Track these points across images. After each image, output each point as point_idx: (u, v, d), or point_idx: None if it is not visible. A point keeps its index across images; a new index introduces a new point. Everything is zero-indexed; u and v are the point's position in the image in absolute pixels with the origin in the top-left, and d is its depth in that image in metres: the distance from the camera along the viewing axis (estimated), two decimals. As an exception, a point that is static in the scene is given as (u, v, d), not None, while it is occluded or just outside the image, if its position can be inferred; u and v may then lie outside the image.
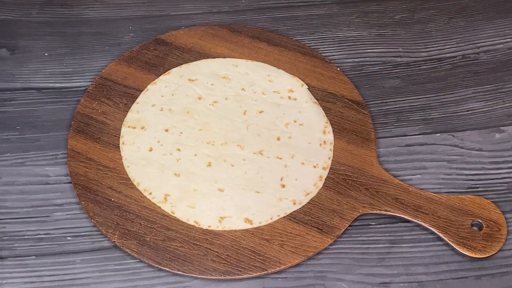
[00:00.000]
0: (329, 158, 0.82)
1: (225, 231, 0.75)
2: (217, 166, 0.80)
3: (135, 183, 0.79)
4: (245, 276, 0.72)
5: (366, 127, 0.85)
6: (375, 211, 0.77)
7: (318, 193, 0.79)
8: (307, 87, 0.89)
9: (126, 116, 0.85)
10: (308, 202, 0.78)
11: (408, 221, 0.76)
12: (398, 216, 0.76)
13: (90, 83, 0.89)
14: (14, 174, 0.80)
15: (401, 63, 0.93)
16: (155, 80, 0.89)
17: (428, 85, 0.91)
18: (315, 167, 0.81)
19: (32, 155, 0.82)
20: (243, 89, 0.88)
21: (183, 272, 0.72)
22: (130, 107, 0.86)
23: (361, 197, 0.78)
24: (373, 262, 0.74)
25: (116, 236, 0.74)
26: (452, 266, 0.74)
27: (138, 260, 0.73)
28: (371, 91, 0.90)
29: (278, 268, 0.73)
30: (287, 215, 0.77)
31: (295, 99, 0.87)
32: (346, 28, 0.98)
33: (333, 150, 0.82)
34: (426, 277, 0.73)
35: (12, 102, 0.88)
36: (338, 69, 0.91)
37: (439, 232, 0.75)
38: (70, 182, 0.79)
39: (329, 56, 0.94)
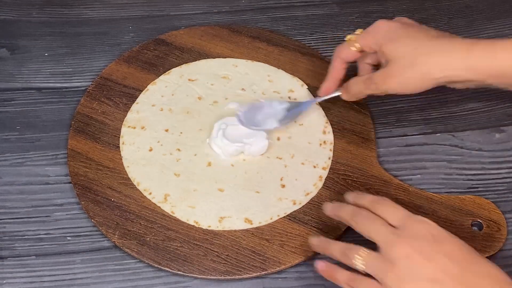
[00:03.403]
0: (329, 158, 0.82)
1: (225, 231, 0.75)
2: (217, 166, 0.80)
3: (135, 183, 0.79)
4: (245, 276, 0.72)
5: (366, 127, 0.85)
6: (375, 211, 0.77)
7: (318, 193, 0.79)
8: (307, 87, 0.89)
9: (126, 116, 0.85)
10: (308, 202, 0.78)
11: (408, 221, 0.76)
12: (398, 216, 0.76)
13: (90, 83, 0.89)
14: (14, 174, 0.81)
15: (401, 63, 0.93)
16: (155, 80, 0.89)
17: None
18: (315, 167, 0.81)
19: (32, 155, 0.82)
20: (243, 89, 0.88)
21: (183, 272, 0.72)
22: (130, 107, 0.86)
23: (361, 197, 0.78)
24: (373, 262, 0.74)
25: (116, 236, 0.74)
26: (452, 266, 0.74)
27: (138, 260, 0.73)
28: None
29: (278, 268, 0.73)
30: (287, 215, 0.77)
31: (295, 99, 0.87)
32: (346, 28, 0.98)
33: (333, 150, 0.82)
34: (426, 277, 0.73)
35: (12, 102, 0.88)
36: (338, 69, 0.91)
37: (439, 232, 0.75)
38: (70, 182, 0.79)
39: (329, 56, 0.93)
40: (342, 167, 0.81)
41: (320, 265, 0.66)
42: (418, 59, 0.69)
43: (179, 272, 0.72)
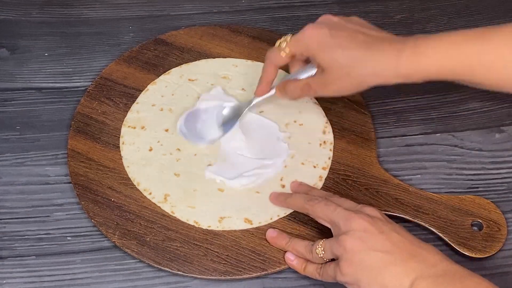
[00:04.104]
0: (329, 158, 0.82)
1: (225, 231, 0.75)
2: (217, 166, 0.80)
3: (135, 183, 0.79)
4: (245, 276, 0.72)
5: (366, 127, 0.85)
6: (375, 211, 0.77)
7: (318, 193, 0.78)
8: (307, 87, 0.88)
9: (126, 116, 0.85)
10: (308, 202, 0.78)
11: (408, 221, 0.76)
12: (398, 216, 0.76)
13: (90, 83, 0.89)
14: (14, 174, 0.81)
15: (401, 63, 0.93)
16: (155, 80, 0.89)
17: (428, 85, 0.90)
18: (315, 167, 0.81)
19: (32, 155, 0.82)
20: (243, 89, 0.88)
21: (183, 272, 0.72)
22: (130, 107, 0.86)
23: (361, 197, 0.78)
24: (373, 262, 0.74)
25: (116, 236, 0.74)
26: (452, 266, 0.74)
27: (138, 260, 0.73)
28: (371, 91, 0.89)
29: (278, 268, 0.73)
30: (287, 215, 0.77)
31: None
32: (346, 28, 0.98)
33: (333, 150, 0.82)
34: (426, 277, 0.73)
35: (12, 102, 0.88)
36: (338, 69, 0.91)
37: (439, 232, 0.75)
38: (70, 182, 0.79)
39: (329, 56, 0.93)
40: (342, 167, 0.81)
41: (297, 265, 0.72)
42: (353, 70, 0.73)
43: (179, 272, 0.72)
